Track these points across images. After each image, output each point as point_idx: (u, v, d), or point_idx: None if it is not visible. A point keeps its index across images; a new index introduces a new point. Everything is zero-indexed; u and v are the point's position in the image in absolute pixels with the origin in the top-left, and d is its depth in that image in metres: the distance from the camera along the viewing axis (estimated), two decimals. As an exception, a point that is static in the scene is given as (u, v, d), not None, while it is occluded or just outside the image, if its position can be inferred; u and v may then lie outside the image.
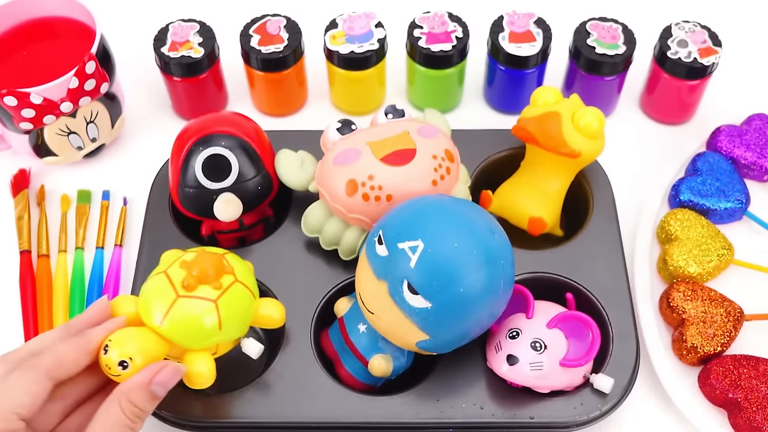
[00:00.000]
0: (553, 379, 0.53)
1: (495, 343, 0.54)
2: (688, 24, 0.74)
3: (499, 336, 0.54)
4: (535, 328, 0.53)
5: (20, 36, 0.72)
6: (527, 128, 0.63)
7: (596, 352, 0.52)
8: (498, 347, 0.53)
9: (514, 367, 0.52)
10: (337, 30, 0.73)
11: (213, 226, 0.65)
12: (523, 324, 0.54)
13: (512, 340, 0.52)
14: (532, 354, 0.52)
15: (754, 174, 0.72)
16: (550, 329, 0.53)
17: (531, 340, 0.52)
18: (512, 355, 0.52)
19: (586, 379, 0.55)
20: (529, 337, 0.52)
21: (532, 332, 0.53)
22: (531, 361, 0.52)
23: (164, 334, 0.51)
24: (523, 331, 0.53)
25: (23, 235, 0.69)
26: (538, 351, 0.52)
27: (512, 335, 0.53)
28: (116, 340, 0.50)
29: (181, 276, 0.52)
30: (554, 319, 0.53)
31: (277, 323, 0.56)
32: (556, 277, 0.62)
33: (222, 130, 0.62)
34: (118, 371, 0.49)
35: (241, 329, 0.54)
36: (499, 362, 0.53)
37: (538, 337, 0.52)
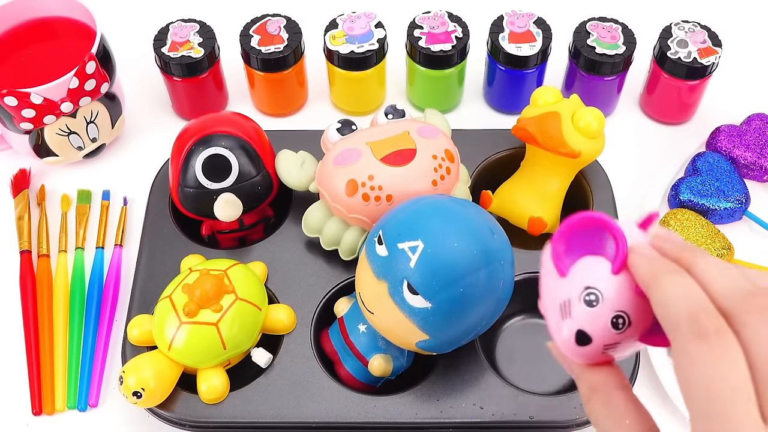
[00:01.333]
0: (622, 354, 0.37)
1: (562, 301, 0.35)
2: (688, 24, 0.74)
3: (569, 289, 0.35)
4: (621, 292, 0.34)
5: (20, 36, 0.72)
6: (527, 128, 0.63)
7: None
8: (566, 310, 0.35)
9: (581, 348, 0.34)
10: (337, 30, 0.73)
11: (213, 226, 0.65)
12: (603, 279, 0.34)
13: (588, 307, 0.34)
14: (611, 332, 0.34)
15: (754, 174, 0.72)
16: (640, 296, 0.34)
17: (614, 314, 0.34)
18: (584, 332, 0.34)
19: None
20: (613, 309, 0.34)
21: (615, 298, 0.34)
22: (607, 343, 0.34)
23: (173, 358, 0.55)
24: (604, 295, 0.34)
25: (23, 235, 0.69)
26: (619, 330, 0.34)
27: (588, 299, 0.34)
28: (130, 369, 0.54)
29: (183, 302, 0.55)
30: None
31: (288, 329, 0.59)
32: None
33: (222, 130, 0.62)
34: (134, 400, 0.54)
35: (248, 343, 0.57)
36: (562, 333, 0.35)
37: (623, 308, 0.34)
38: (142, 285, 0.62)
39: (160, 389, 0.55)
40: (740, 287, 0.31)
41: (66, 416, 0.61)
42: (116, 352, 0.64)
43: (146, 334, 0.57)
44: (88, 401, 0.61)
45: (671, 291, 0.31)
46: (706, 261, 0.32)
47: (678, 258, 0.33)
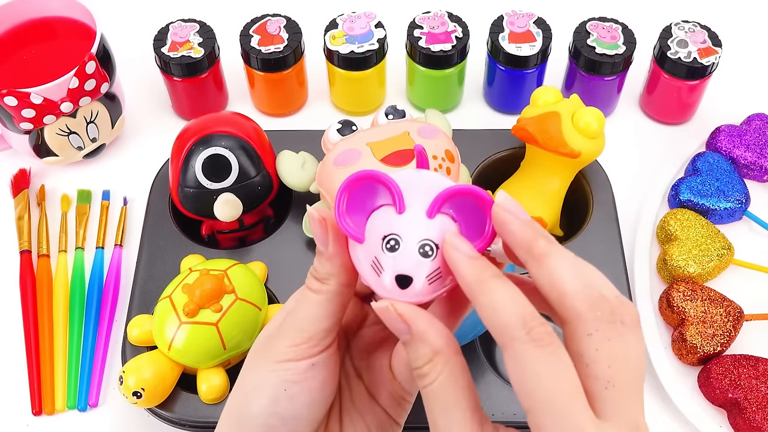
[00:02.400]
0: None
1: (371, 261, 0.35)
2: (688, 24, 0.74)
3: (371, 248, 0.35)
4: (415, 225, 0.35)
5: (20, 36, 0.72)
6: (527, 128, 0.63)
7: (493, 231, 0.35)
8: (377, 266, 0.35)
9: (407, 290, 0.35)
10: (337, 30, 0.73)
11: (213, 226, 0.65)
12: (396, 223, 0.35)
13: (392, 252, 0.35)
14: (425, 263, 0.34)
15: (754, 174, 0.72)
16: (433, 219, 0.35)
17: (418, 245, 0.34)
18: (402, 275, 0.35)
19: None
20: (414, 242, 0.35)
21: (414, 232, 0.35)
22: (427, 273, 0.35)
23: (173, 359, 0.55)
24: (402, 236, 0.35)
25: (23, 235, 0.69)
26: (430, 257, 0.34)
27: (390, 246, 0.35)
28: (130, 369, 0.55)
29: (183, 302, 0.55)
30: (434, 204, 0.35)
31: None
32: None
33: (222, 130, 0.62)
34: (134, 400, 0.54)
35: (248, 343, 0.56)
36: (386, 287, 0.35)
37: (423, 237, 0.35)
38: (142, 285, 0.62)
39: (160, 389, 0.55)
40: (592, 293, 0.32)
41: (66, 416, 0.61)
42: (116, 352, 0.64)
43: (146, 334, 0.57)
44: (88, 401, 0.61)
45: (499, 296, 0.32)
46: (561, 256, 0.32)
47: (530, 246, 0.33)
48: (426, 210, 0.35)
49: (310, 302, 0.37)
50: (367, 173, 0.35)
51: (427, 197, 0.35)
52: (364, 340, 0.41)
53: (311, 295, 0.37)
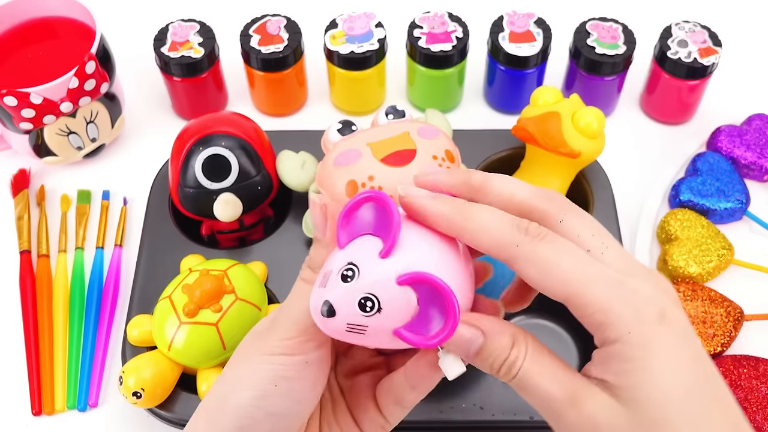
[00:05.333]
0: (376, 341, 0.35)
1: (326, 270, 0.35)
2: (688, 24, 0.74)
3: (334, 263, 0.34)
4: (380, 276, 0.33)
5: (20, 36, 0.72)
6: (527, 128, 0.63)
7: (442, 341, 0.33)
8: (325, 280, 0.34)
9: (328, 320, 0.33)
10: (337, 30, 0.73)
11: (213, 226, 0.65)
12: (368, 261, 0.34)
13: (342, 282, 0.33)
14: (357, 313, 0.33)
15: (754, 174, 0.72)
16: (400, 286, 0.33)
17: (363, 295, 0.33)
18: (331, 304, 0.33)
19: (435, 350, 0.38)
20: (364, 289, 0.33)
21: (373, 281, 0.33)
22: (351, 322, 0.33)
23: (173, 359, 0.55)
24: (361, 274, 0.33)
25: (23, 235, 0.69)
26: (366, 313, 0.33)
27: (345, 274, 0.33)
28: (130, 369, 0.55)
29: (183, 302, 0.55)
30: (409, 277, 0.33)
31: None
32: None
33: (222, 130, 0.62)
34: (134, 401, 0.54)
35: None
36: (316, 300, 0.34)
37: (374, 292, 0.33)
38: (142, 285, 0.62)
39: (159, 389, 0.55)
40: (539, 192, 0.35)
41: (66, 416, 0.61)
42: (116, 352, 0.64)
43: (146, 334, 0.57)
44: (88, 401, 0.61)
45: (484, 216, 0.34)
46: (498, 177, 0.36)
47: (467, 182, 0.35)
48: (399, 273, 0.33)
49: (304, 293, 0.36)
50: (386, 201, 0.34)
51: (414, 259, 0.34)
52: (352, 362, 0.41)
53: (305, 287, 0.37)
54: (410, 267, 0.33)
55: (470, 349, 0.34)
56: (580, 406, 0.32)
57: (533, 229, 0.33)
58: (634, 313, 0.32)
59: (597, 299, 0.32)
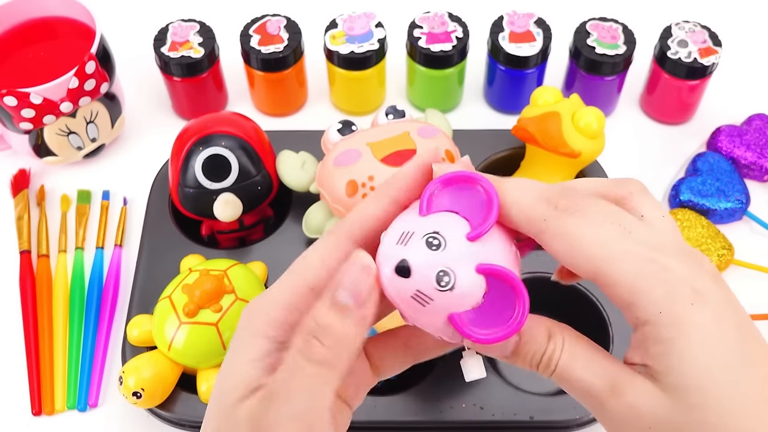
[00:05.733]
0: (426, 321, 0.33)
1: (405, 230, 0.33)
2: (688, 24, 0.74)
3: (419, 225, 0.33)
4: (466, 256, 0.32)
5: (20, 36, 0.72)
6: (527, 128, 0.63)
7: (497, 340, 0.32)
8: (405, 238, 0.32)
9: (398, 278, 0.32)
10: (337, 30, 0.73)
11: (213, 226, 0.65)
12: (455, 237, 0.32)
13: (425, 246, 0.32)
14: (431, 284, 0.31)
15: (754, 174, 0.72)
16: (478, 273, 0.32)
17: (443, 268, 0.31)
18: (407, 264, 0.31)
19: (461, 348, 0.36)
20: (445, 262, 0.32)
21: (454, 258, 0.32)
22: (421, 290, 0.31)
23: (173, 359, 0.55)
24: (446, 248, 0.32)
25: (23, 235, 0.69)
26: (440, 287, 0.31)
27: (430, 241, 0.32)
28: (130, 369, 0.55)
29: (183, 302, 0.55)
30: (492, 269, 0.32)
31: None
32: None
33: (222, 130, 0.62)
34: (134, 401, 0.54)
35: None
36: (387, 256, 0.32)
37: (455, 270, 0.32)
38: (142, 285, 0.62)
39: (159, 389, 0.55)
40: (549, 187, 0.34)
41: (66, 416, 0.61)
42: (116, 352, 0.64)
43: (146, 334, 0.57)
44: (88, 401, 0.61)
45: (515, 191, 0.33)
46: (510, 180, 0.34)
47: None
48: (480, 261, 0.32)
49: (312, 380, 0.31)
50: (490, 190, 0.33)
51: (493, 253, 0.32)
52: None
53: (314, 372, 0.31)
54: (491, 259, 0.32)
55: (507, 348, 0.33)
56: (621, 395, 0.31)
57: (563, 203, 0.32)
58: (664, 291, 0.30)
59: (624, 277, 0.30)
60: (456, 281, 0.32)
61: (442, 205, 0.33)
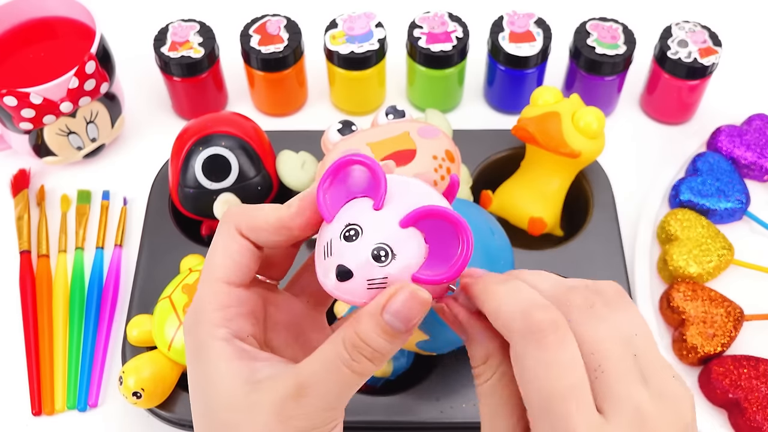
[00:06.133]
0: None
1: (325, 243, 0.33)
2: (688, 24, 0.74)
3: (332, 230, 0.33)
4: (382, 225, 0.33)
5: (20, 36, 0.72)
6: (527, 128, 0.63)
7: (462, 266, 0.32)
8: (328, 250, 0.33)
9: (344, 284, 0.33)
10: (337, 30, 0.73)
11: (213, 226, 0.65)
12: (366, 217, 0.33)
13: (348, 242, 0.33)
14: (373, 266, 0.32)
15: (754, 174, 0.72)
16: (405, 228, 0.33)
17: (374, 247, 0.32)
18: (344, 266, 0.32)
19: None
20: (373, 241, 0.32)
21: (378, 232, 0.33)
22: (369, 277, 0.32)
23: (173, 359, 0.55)
24: (364, 230, 0.33)
25: (23, 235, 0.69)
26: (381, 263, 0.32)
27: (348, 235, 0.33)
28: (130, 369, 0.55)
29: (183, 302, 0.55)
30: (412, 215, 0.32)
31: None
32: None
33: (222, 130, 0.62)
34: (134, 401, 0.54)
35: None
36: (325, 272, 0.33)
37: (384, 241, 0.32)
38: (142, 285, 0.62)
39: (159, 389, 0.55)
40: (561, 284, 0.32)
41: (66, 416, 0.61)
42: (116, 352, 0.64)
43: (146, 334, 0.57)
44: (88, 401, 0.61)
45: (502, 295, 0.31)
46: (527, 271, 0.34)
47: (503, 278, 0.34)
48: (400, 218, 0.32)
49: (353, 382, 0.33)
50: (365, 159, 0.33)
51: (407, 205, 0.33)
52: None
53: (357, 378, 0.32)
54: (408, 209, 0.32)
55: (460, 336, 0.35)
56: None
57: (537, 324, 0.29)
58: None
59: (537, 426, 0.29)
60: (392, 248, 0.32)
61: (340, 199, 0.34)
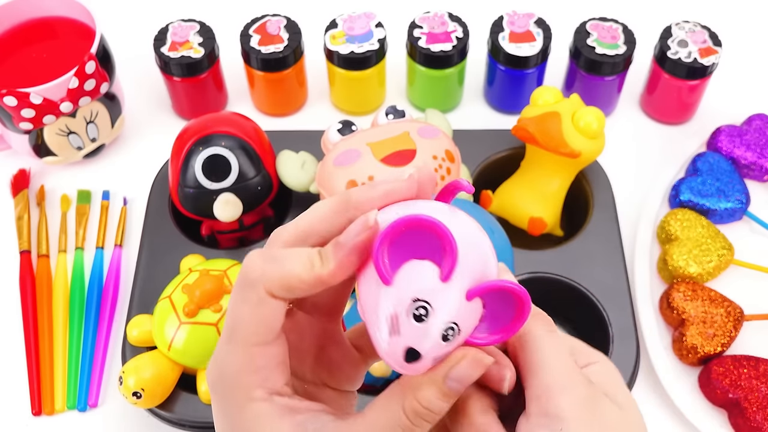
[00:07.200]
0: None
1: (387, 315, 0.31)
2: (688, 24, 0.74)
3: (397, 301, 0.31)
4: (452, 302, 0.31)
5: (20, 36, 0.72)
6: (527, 128, 0.63)
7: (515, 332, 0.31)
8: (394, 326, 0.31)
9: (411, 364, 0.31)
10: (337, 30, 0.73)
11: (213, 226, 0.65)
12: (433, 290, 0.31)
13: (418, 323, 0.30)
14: (441, 346, 0.31)
15: (754, 174, 0.72)
16: (470, 301, 0.31)
17: (445, 327, 0.30)
18: (414, 349, 0.30)
19: None
20: (443, 321, 0.30)
21: (446, 309, 0.30)
22: (437, 356, 0.31)
23: (173, 359, 0.55)
24: (434, 308, 0.30)
25: (23, 235, 0.69)
26: (448, 341, 0.31)
27: (417, 314, 0.30)
28: (130, 370, 0.55)
29: (183, 302, 0.55)
30: (480, 289, 0.31)
31: None
32: (556, 278, 0.62)
33: (222, 130, 0.62)
34: (134, 401, 0.54)
35: None
36: (391, 350, 0.31)
37: (454, 319, 0.31)
38: (142, 285, 0.62)
39: (159, 390, 0.55)
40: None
41: (66, 416, 0.61)
42: (116, 352, 0.64)
43: (146, 335, 0.57)
44: (88, 401, 0.61)
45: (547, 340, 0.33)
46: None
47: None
48: (466, 290, 0.31)
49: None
50: (436, 223, 0.30)
51: (472, 271, 0.31)
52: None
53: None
54: (474, 279, 0.31)
55: (504, 387, 0.33)
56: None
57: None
58: None
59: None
60: (459, 324, 0.31)
61: (399, 258, 0.31)
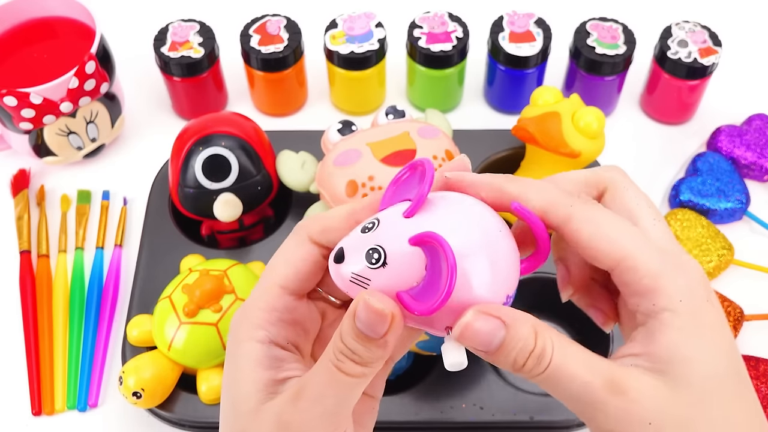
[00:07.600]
0: None
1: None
2: (688, 24, 0.74)
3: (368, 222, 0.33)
4: (394, 231, 0.32)
5: (20, 36, 0.72)
6: (527, 128, 0.63)
7: (440, 304, 0.30)
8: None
9: (337, 265, 0.32)
10: (337, 30, 0.73)
11: (213, 226, 0.65)
12: (390, 218, 0.32)
13: (361, 233, 0.32)
14: (363, 264, 0.32)
15: (754, 174, 0.72)
16: (411, 246, 0.31)
17: (372, 246, 0.32)
18: (342, 248, 0.32)
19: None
20: (373, 241, 0.32)
21: (384, 235, 0.32)
22: (356, 272, 0.32)
23: (173, 359, 0.55)
24: (377, 229, 0.32)
25: (23, 235, 0.69)
26: (372, 265, 0.31)
27: (366, 226, 0.33)
28: (130, 370, 0.55)
29: (183, 302, 0.55)
30: (418, 236, 0.31)
31: None
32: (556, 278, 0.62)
33: (222, 130, 0.62)
34: (134, 401, 0.54)
35: None
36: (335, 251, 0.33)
37: (383, 245, 0.31)
38: (142, 285, 0.62)
39: (159, 390, 0.55)
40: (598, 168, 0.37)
41: (66, 416, 0.61)
42: (116, 352, 0.64)
43: (146, 335, 0.57)
44: (88, 401, 0.61)
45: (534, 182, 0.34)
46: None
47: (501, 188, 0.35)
48: (411, 234, 0.31)
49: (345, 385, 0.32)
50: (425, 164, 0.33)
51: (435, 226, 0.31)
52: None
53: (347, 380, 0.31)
54: (426, 229, 0.31)
55: (492, 343, 0.30)
56: (622, 392, 0.29)
57: (584, 196, 0.34)
58: (685, 283, 0.31)
59: (649, 264, 0.31)
60: (387, 256, 0.31)
61: (398, 197, 0.34)
